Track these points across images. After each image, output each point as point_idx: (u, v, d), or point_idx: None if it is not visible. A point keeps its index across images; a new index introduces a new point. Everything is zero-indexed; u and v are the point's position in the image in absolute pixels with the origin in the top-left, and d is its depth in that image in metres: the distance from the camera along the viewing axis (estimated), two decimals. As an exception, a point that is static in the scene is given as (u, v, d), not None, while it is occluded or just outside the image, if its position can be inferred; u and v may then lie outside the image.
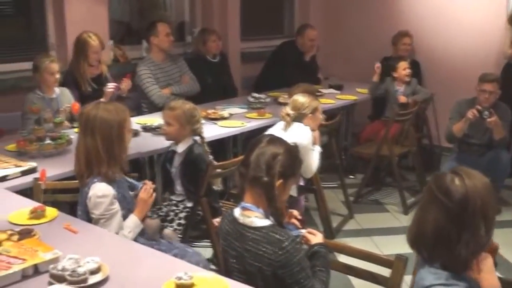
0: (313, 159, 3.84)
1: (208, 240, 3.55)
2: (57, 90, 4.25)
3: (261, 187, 2.21)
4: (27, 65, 4.45)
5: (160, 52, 5.16)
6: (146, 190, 2.76)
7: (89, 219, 2.63)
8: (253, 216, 2.21)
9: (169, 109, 3.54)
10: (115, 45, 5.35)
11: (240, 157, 2.83)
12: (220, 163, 3.56)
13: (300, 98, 3.86)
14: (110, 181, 2.63)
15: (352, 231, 4.58)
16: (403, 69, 5.49)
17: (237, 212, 2.27)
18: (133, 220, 2.68)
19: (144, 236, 2.75)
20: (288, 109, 3.83)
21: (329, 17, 7.14)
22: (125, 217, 2.67)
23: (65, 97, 4.27)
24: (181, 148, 3.51)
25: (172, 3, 6.28)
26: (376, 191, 5.42)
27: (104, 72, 4.71)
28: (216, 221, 2.58)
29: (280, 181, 2.22)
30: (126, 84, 4.59)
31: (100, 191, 2.58)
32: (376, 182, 5.48)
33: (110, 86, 4.42)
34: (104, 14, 5.12)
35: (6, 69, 4.69)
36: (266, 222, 2.20)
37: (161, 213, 3.51)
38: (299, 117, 3.80)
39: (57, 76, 4.18)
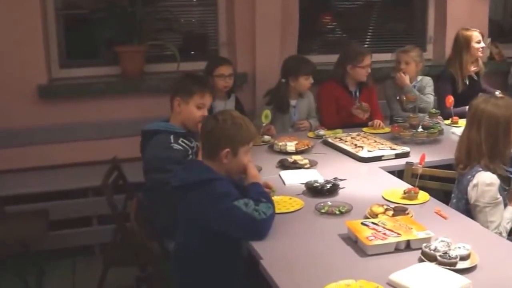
0: None
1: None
2: (419, 78, 4.33)
3: None
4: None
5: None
6: None
7: (464, 207, 2.68)
8: None
9: None
10: (492, 43, 5.26)
11: None
12: None
13: None
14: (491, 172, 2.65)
15: None
16: None
17: None
18: (511, 211, 2.67)
19: None
20: None
21: None
22: None
23: (427, 89, 4.33)
24: None
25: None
26: None
27: (482, 70, 4.66)
28: None
29: None
30: None
31: (489, 179, 2.61)
32: None
33: (498, 92, 4.33)
34: (484, 11, 5.10)
35: (383, 58, 4.87)
36: None
37: None
38: None
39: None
